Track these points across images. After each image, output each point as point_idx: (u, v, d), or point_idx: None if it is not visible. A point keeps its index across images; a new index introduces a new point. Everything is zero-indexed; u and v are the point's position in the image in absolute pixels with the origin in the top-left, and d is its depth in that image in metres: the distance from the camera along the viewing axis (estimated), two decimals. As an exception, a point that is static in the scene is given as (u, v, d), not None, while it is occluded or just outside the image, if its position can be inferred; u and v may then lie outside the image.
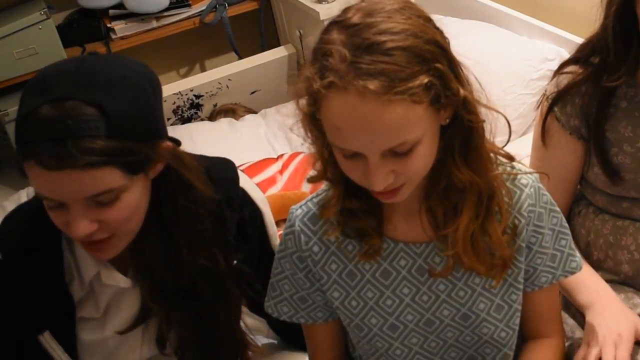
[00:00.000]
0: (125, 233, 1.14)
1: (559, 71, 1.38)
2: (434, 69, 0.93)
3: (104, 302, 1.26)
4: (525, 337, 1.24)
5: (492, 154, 1.07)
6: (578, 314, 1.37)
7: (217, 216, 1.23)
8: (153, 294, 1.23)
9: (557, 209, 1.15)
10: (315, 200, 1.15)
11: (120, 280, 1.23)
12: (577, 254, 1.19)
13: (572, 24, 2.20)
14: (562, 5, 2.24)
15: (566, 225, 1.17)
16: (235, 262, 1.27)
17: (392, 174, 0.97)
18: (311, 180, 1.11)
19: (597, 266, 1.40)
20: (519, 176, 1.11)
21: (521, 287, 1.14)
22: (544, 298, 1.19)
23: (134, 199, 1.10)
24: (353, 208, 1.09)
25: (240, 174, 1.32)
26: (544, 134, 1.39)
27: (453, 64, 0.97)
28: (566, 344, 1.33)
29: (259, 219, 1.33)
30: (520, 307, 1.16)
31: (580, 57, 1.34)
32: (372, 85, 0.89)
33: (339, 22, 0.96)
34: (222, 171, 1.28)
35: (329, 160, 1.05)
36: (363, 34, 0.92)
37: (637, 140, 1.31)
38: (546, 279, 1.17)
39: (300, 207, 1.17)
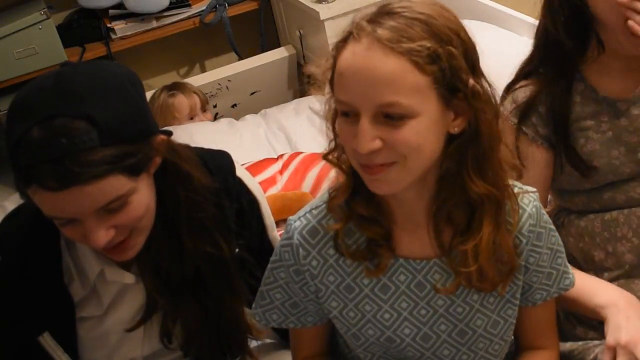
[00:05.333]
0: (142, 228, 1.15)
1: (510, 89, 1.41)
2: (447, 50, 0.96)
3: (108, 299, 1.26)
4: (520, 347, 1.23)
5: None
6: (579, 325, 1.36)
7: (217, 204, 1.23)
8: (159, 287, 1.24)
9: (554, 227, 1.15)
10: (315, 212, 1.13)
11: (125, 277, 1.24)
12: (571, 270, 1.19)
13: (572, 24, 2.19)
14: (562, 5, 2.24)
15: (562, 243, 1.17)
16: (237, 249, 1.27)
17: (380, 142, 0.97)
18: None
19: (599, 267, 1.39)
20: (520, 195, 1.10)
21: (517, 302, 1.15)
22: (539, 312, 1.19)
23: (143, 198, 1.11)
24: (362, 214, 1.08)
25: (236, 164, 1.33)
26: (518, 155, 1.39)
27: (470, 57, 1.00)
28: (572, 347, 1.32)
29: (257, 208, 1.34)
30: (514, 321, 1.16)
31: (527, 71, 1.41)
32: (383, 33, 0.95)
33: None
34: (218, 161, 1.28)
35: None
36: (388, 7, 0.99)
37: (599, 125, 1.36)
38: (540, 296, 1.17)
39: (299, 218, 1.14)
